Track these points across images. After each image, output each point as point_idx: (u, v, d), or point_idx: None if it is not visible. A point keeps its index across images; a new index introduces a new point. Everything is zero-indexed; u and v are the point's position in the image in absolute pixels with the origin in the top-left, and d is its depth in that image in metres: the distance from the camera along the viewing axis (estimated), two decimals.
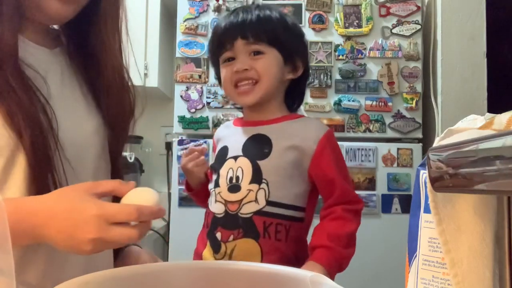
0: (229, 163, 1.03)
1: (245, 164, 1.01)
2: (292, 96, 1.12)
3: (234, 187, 1.01)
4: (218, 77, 1.12)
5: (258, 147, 1.03)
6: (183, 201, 1.92)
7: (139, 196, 0.65)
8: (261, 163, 1.00)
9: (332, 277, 0.94)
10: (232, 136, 1.08)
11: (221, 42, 1.05)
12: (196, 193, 1.14)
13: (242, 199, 0.99)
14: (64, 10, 0.75)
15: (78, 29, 0.83)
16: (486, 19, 1.96)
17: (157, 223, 2.23)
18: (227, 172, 1.02)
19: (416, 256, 0.53)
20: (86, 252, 0.61)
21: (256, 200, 0.98)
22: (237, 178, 1.01)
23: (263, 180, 0.99)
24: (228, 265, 0.58)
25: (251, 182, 0.99)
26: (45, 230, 0.61)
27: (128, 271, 0.53)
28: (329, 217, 1.00)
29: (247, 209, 0.98)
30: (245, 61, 1.02)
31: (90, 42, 0.83)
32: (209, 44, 1.13)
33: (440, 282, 0.49)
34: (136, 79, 2.36)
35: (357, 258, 1.06)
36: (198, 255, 1.05)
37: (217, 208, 1.02)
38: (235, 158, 1.03)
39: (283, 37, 1.05)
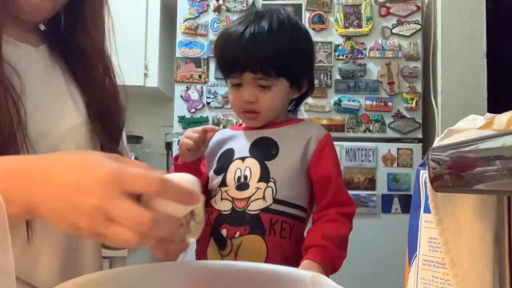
0: (236, 164, 1.05)
1: (253, 164, 1.04)
2: (292, 102, 1.16)
3: (242, 186, 1.03)
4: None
5: (265, 149, 1.06)
6: None
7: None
8: (268, 163, 1.03)
9: (326, 276, 0.95)
10: (236, 139, 1.10)
11: (229, 69, 1.06)
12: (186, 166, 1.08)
13: (250, 197, 1.01)
14: (43, 6, 0.76)
15: (65, 26, 0.83)
16: (486, 19, 1.96)
17: None
18: (235, 172, 1.04)
19: (416, 256, 0.53)
20: (79, 229, 0.50)
21: (263, 198, 1.00)
22: (245, 177, 1.03)
23: (271, 179, 1.02)
24: (228, 265, 0.58)
25: (259, 180, 1.02)
26: (40, 190, 0.51)
27: (128, 271, 0.53)
28: (322, 220, 1.02)
29: (255, 206, 1.00)
30: (252, 93, 1.04)
31: (78, 39, 0.83)
32: (215, 57, 1.13)
33: (440, 282, 0.49)
34: (136, 79, 2.36)
35: (357, 258, 1.06)
36: (201, 254, 1.04)
37: (223, 205, 1.03)
38: (242, 159, 1.06)
39: (293, 66, 1.06)
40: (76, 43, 0.84)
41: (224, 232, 1.01)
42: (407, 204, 1.87)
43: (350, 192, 1.10)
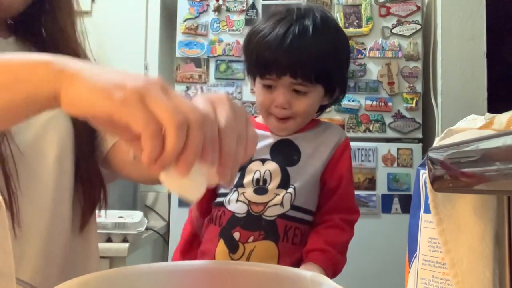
0: (255, 165, 1.02)
1: (273, 168, 1.00)
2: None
3: (260, 190, 1.00)
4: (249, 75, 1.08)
5: (286, 153, 1.02)
6: (183, 201, 1.92)
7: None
8: (290, 169, 1.00)
9: None
10: None
11: (265, 70, 0.99)
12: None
13: (268, 202, 0.98)
14: (16, 2, 0.76)
15: (32, 17, 0.82)
16: (486, 19, 1.96)
17: (157, 223, 2.23)
18: (254, 174, 1.01)
19: (416, 256, 0.53)
20: (121, 89, 0.43)
21: (281, 204, 0.98)
22: (265, 181, 1.00)
23: (291, 186, 0.99)
24: (228, 265, 0.58)
25: (279, 186, 0.99)
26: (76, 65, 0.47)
27: (128, 271, 0.53)
28: (325, 224, 1.00)
29: (272, 212, 0.98)
30: (287, 98, 0.98)
31: (47, 30, 0.82)
32: (246, 55, 1.06)
33: (440, 282, 0.49)
34: None
35: (357, 258, 1.06)
36: (208, 254, 1.02)
37: (238, 207, 1.00)
38: (263, 161, 1.02)
39: (332, 73, 1.01)
40: (44, 33, 0.82)
41: (236, 235, 0.98)
42: (407, 204, 1.87)
43: None
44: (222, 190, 1.05)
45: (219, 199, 1.05)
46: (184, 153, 0.43)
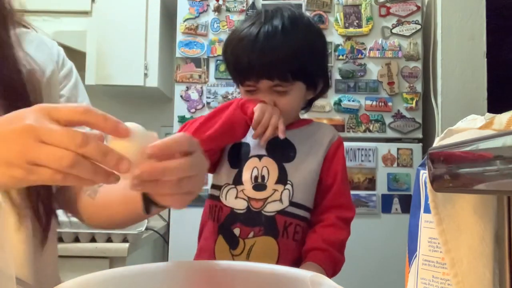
0: (253, 162, 1.04)
1: (270, 164, 1.03)
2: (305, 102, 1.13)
3: (259, 186, 1.02)
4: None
5: (283, 150, 1.04)
6: None
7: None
8: (286, 165, 1.02)
9: None
10: (251, 134, 1.08)
11: (244, 76, 1.03)
12: None
13: (267, 198, 1.00)
14: None
15: None
16: (486, 19, 1.96)
17: (157, 223, 2.23)
18: (252, 171, 1.03)
19: (416, 256, 0.53)
20: (11, 167, 0.50)
21: (280, 200, 1.00)
22: (263, 177, 1.02)
23: (288, 182, 1.01)
24: (228, 265, 0.58)
25: (277, 182, 1.01)
26: None
27: (128, 271, 0.53)
28: (322, 224, 1.01)
29: (271, 208, 0.99)
30: (269, 99, 1.02)
31: None
32: (226, 62, 1.10)
33: (440, 282, 0.49)
34: (136, 79, 2.36)
35: (357, 258, 1.06)
36: (207, 251, 1.02)
37: (237, 204, 1.02)
38: (259, 157, 1.04)
39: (309, 67, 1.03)
40: None
41: (237, 231, 1.00)
42: (407, 204, 1.87)
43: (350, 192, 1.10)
44: (215, 182, 1.07)
45: (214, 192, 1.06)
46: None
